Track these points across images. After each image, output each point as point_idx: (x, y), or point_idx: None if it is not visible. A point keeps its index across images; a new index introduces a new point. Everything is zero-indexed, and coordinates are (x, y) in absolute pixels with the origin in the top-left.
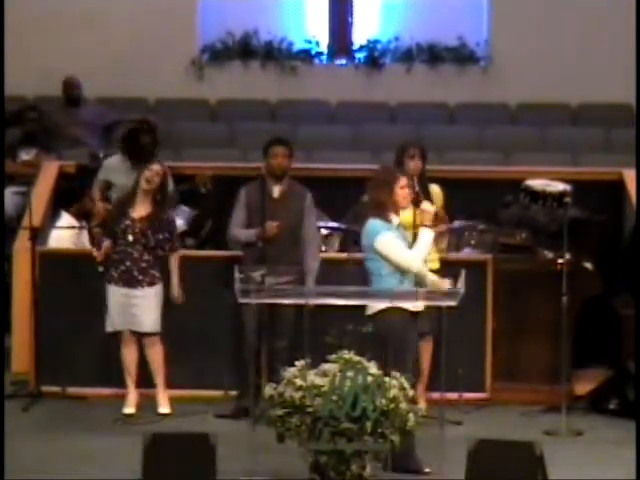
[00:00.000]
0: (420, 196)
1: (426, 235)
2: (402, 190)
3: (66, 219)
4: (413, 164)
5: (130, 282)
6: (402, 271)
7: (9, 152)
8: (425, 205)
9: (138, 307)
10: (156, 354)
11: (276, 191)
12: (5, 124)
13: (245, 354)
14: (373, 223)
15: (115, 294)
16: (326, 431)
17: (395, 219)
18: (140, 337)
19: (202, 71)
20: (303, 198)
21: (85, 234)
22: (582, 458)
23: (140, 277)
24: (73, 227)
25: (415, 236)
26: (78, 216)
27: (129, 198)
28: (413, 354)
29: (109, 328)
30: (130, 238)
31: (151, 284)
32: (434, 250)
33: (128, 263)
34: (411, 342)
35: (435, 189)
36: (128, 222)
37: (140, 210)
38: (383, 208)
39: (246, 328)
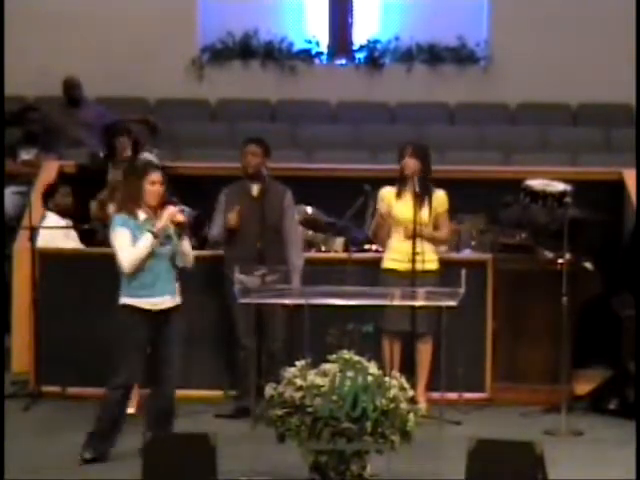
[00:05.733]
0: (420, 196)
1: (145, 240)
2: (153, 185)
3: (52, 219)
4: (406, 163)
5: None
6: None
7: (9, 152)
8: (172, 209)
9: None
10: None
11: (255, 190)
12: (5, 124)
13: (239, 354)
14: (117, 216)
15: None
16: (326, 431)
17: (141, 215)
18: None
19: (202, 71)
20: (282, 196)
21: (72, 233)
22: (582, 458)
23: None
24: (67, 227)
25: (414, 231)
26: (57, 210)
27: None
28: (137, 354)
29: None
30: None
31: None
32: (433, 251)
33: None
34: (134, 341)
35: (439, 194)
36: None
37: None
38: (132, 201)
39: (238, 329)
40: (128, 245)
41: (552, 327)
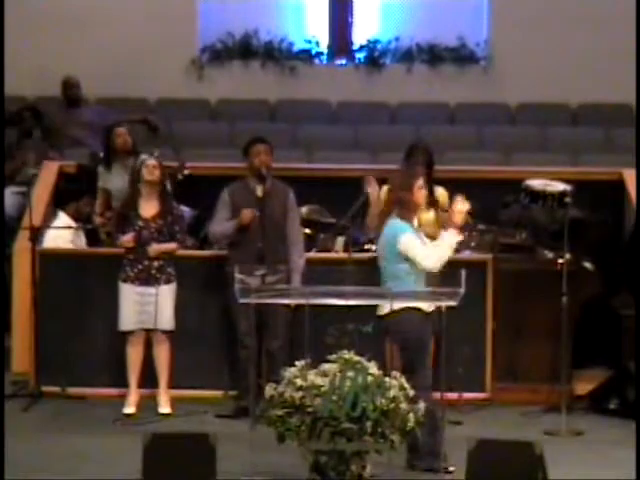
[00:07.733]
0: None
1: (451, 237)
2: (420, 191)
3: (63, 219)
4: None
5: (147, 280)
6: (419, 270)
7: (9, 152)
8: (460, 206)
9: (154, 305)
10: (164, 352)
11: (259, 190)
12: (4, 124)
13: (240, 354)
14: (395, 223)
15: (130, 293)
16: (326, 431)
17: (414, 220)
18: (150, 335)
19: (202, 71)
20: (286, 196)
21: (82, 234)
22: (582, 458)
23: (157, 275)
24: (69, 227)
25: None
26: (75, 217)
27: (132, 199)
28: (430, 354)
29: (122, 327)
30: (146, 237)
31: (167, 282)
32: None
33: (146, 262)
34: (428, 342)
35: (440, 191)
36: (141, 223)
37: (150, 208)
38: (405, 208)
39: (238, 329)
40: (423, 246)
41: (552, 327)
